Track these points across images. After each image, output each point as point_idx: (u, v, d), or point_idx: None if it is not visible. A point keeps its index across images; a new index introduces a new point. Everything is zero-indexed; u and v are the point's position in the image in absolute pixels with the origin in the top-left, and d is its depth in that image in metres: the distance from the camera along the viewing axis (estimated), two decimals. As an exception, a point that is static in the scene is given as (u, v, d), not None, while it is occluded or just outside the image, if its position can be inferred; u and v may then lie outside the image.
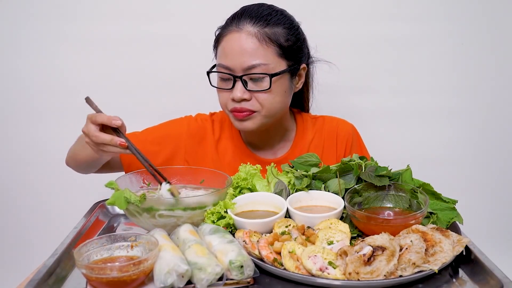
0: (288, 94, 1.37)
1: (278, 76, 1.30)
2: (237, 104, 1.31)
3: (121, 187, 1.06)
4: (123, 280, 0.84)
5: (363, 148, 1.56)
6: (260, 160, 1.46)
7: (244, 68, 1.28)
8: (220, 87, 1.35)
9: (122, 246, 0.95)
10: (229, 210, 1.06)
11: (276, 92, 1.31)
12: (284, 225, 1.03)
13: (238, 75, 1.29)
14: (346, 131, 1.52)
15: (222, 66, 1.31)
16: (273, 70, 1.29)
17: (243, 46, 1.27)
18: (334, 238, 0.97)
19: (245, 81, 1.29)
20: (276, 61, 1.30)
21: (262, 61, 1.28)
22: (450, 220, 1.06)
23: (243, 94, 1.29)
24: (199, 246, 0.93)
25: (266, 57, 1.28)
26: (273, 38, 1.29)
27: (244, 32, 1.28)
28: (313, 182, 1.16)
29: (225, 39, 1.31)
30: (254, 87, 1.30)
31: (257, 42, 1.27)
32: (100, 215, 1.27)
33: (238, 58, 1.27)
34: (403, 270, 0.88)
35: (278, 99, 1.33)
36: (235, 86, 1.30)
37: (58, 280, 0.94)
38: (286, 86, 1.35)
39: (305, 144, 1.50)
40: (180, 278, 0.86)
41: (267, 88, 1.29)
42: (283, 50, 1.31)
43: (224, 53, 1.31)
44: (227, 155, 1.48)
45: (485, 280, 0.91)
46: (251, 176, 1.19)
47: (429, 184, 1.11)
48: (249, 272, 0.88)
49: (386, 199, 1.11)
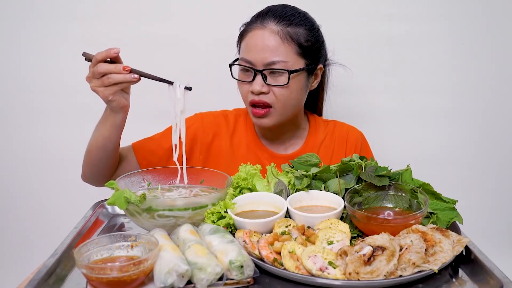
0: (304, 91, 1.44)
1: (296, 73, 1.37)
2: (256, 97, 1.38)
3: (121, 187, 1.06)
4: (123, 280, 0.84)
5: (370, 155, 1.59)
6: (272, 155, 1.52)
7: (265, 64, 1.35)
8: (240, 79, 1.41)
9: (122, 246, 0.95)
10: (229, 210, 1.06)
11: (292, 88, 1.38)
12: (284, 225, 1.03)
13: (259, 69, 1.35)
14: (356, 137, 1.59)
15: (244, 60, 1.38)
16: (292, 67, 1.36)
17: (265, 43, 1.34)
18: (334, 238, 0.97)
19: (264, 76, 1.36)
20: (295, 59, 1.37)
21: (282, 58, 1.34)
22: (450, 220, 1.06)
23: (261, 88, 1.36)
24: (199, 246, 0.93)
25: (286, 54, 1.35)
26: (294, 37, 1.36)
27: (267, 29, 1.36)
28: (313, 182, 1.16)
29: (249, 35, 1.39)
30: (272, 82, 1.37)
31: (279, 40, 1.34)
32: (100, 215, 1.27)
33: (260, 53, 1.35)
34: (403, 270, 0.88)
35: (294, 96, 1.40)
36: (255, 80, 1.37)
37: (58, 280, 0.94)
38: (302, 84, 1.41)
39: (316, 143, 1.55)
40: (180, 278, 0.86)
41: (285, 83, 1.35)
42: (303, 50, 1.38)
43: (247, 48, 1.38)
44: (241, 148, 1.53)
45: (485, 280, 0.91)
46: (251, 176, 1.19)
47: (429, 184, 1.11)
48: (249, 272, 0.88)
49: (386, 199, 1.11)
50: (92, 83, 1.18)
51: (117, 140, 1.31)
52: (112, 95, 1.18)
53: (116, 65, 1.15)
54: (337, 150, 1.56)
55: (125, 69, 1.15)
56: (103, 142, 1.29)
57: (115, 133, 1.28)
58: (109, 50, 1.16)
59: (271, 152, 1.53)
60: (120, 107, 1.22)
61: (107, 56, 1.16)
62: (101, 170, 1.37)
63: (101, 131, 1.29)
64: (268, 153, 1.52)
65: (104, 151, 1.31)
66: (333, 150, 1.55)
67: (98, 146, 1.30)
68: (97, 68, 1.15)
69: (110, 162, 1.36)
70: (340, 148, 1.56)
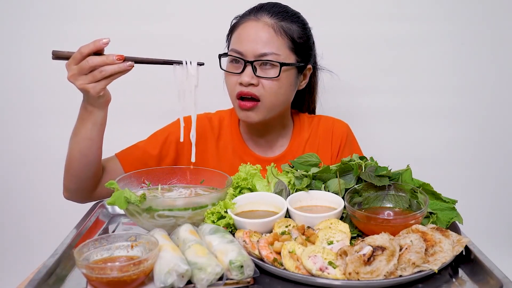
0: (292, 88, 1.42)
1: (287, 67, 1.35)
2: (244, 88, 1.35)
3: (121, 187, 1.06)
4: (123, 280, 0.84)
5: (355, 147, 1.58)
6: (258, 158, 1.49)
7: (256, 55, 1.33)
8: (229, 70, 1.38)
9: (122, 246, 0.95)
10: (229, 210, 1.06)
11: (282, 82, 1.36)
12: (284, 225, 1.03)
13: (250, 60, 1.33)
14: (341, 129, 1.56)
15: (235, 51, 1.36)
16: (283, 60, 1.34)
17: (258, 34, 1.33)
18: (334, 238, 0.97)
19: (254, 67, 1.34)
20: (287, 53, 1.36)
21: (275, 51, 1.33)
22: (450, 220, 1.06)
23: (251, 79, 1.33)
24: (199, 246, 0.93)
25: (279, 47, 1.34)
26: (288, 31, 1.35)
27: (261, 22, 1.35)
28: (313, 182, 1.16)
29: (241, 26, 1.37)
30: (262, 74, 1.34)
31: (273, 32, 1.34)
32: (100, 215, 1.27)
33: (252, 44, 1.33)
34: (403, 270, 0.88)
35: (283, 91, 1.38)
36: (245, 71, 1.34)
37: (58, 280, 0.94)
38: (292, 80, 1.40)
39: (301, 142, 1.53)
40: (180, 278, 0.86)
41: (276, 76, 1.33)
42: (295, 45, 1.37)
43: (239, 39, 1.36)
44: (228, 152, 1.50)
45: (485, 280, 0.91)
46: (251, 176, 1.19)
47: (429, 184, 1.11)
48: (249, 272, 0.88)
49: (386, 199, 1.11)
50: (79, 80, 1.08)
51: (101, 140, 1.23)
52: (104, 90, 1.10)
53: (107, 56, 1.07)
54: (323, 146, 1.53)
55: (120, 58, 1.07)
56: (86, 145, 1.20)
57: (98, 132, 1.20)
58: (96, 41, 1.07)
59: (257, 156, 1.50)
60: (106, 101, 1.16)
61: (96, 49, 1.08)
62: (85, 182, 1.28)
63: (81, 134, 1.19)
64: (254, 157, 1.49)
65: (87, 157, 1.22)
66: (318, 146, 1.53)
67: (81, 151, 1.21)
68: (86, 63, 1.07)
69: (94, 170, 1.26)
70: (326, 144, 1.54)
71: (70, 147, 1.25)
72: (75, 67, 1.09)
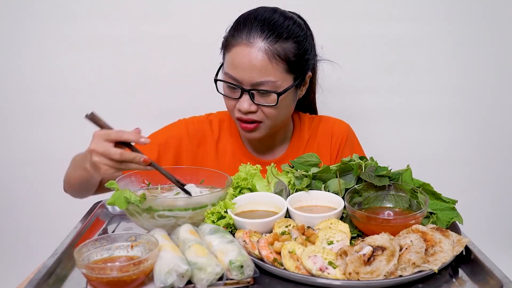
0: (292, 104, 1.41)
1: (285, 93, 1.32)
2: (243, 115, 1.33)
3: (121, 187, 1.06)
4: (123, 280, 0.84)
5: (356, 147, 1.57)
6: (258, 161, 1.47)
7: (252, 83, 1.29)
8: (227, 94, 1.35)
9: (122, 246, 0.95)
10: (229, 210, 1.06)
11: (282, 106, 1.34)
12: (284, 225, 1.03)
13: (246, 88, 1.30)
14: (341, 130, 1.54)
15: (231, 77, 1.31)
16: (280, 86, 1.30)
17: (252, 62, 1.27)
18: (334, 238, 0.97)
19: (252, 94, 1.31)
20: (283, 77, 1.30)
21: (271, 79, 1.28)
22: (450, 220, 1.06)
23: (249, 107, 1.31)
24: (199, 246, 0.93)
25: (275, 74, 1.29)
26: (282, 55, 1.29)
27: (254, 47, 1.27)
28: (313, 182, 1.16)
29: (234, 50, 1.30)
30: (261, 101, 1.31)
31: (267, 59, 1.27)
32: (100, 215, 1.27)
33: (247, 72, 1.28)
34: (403, 270, 0.88)
35: (283, 112, 1.37)
36: (242, 98, 1.31)
37: (58, 280, 0.94)
38: (291, 99, 1.38)
39: (301, 143, 1.52)
40: (180, 278, 0.86)
41: (274, 104, 1.31)
42: (290, 66, 1.31)
43: (233, 65, 1.30)
44: (227, 156, 1.49)
45: (485, 280, 0.91)
46: (251, 176, 1.19)
47: (429, 184, 1.11)
48: (249, 272, 0.88)
49: (386, 199, 1.11)
50: (99, 159, 1.05)
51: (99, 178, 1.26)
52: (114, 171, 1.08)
53: (137, 156, 1.05)
54: (323, 146, 1.52)
55: (145, 162, 1.05)
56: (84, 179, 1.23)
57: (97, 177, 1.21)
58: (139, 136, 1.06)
59: (256, 159, 1.49)
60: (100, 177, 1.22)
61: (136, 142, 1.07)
62: (85, 194, 1.38)
63: (80, 173, 1.21)
64: (254, 160, 1.48)
65: (87, 184, 1.27)
66: (317, 146, 1.52)
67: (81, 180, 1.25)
68: (118, 155, 1.04)
69: (94, 189, 1.33)
70: (325, 144, 1.53)
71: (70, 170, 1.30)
72: (104, 144, 1.05)
